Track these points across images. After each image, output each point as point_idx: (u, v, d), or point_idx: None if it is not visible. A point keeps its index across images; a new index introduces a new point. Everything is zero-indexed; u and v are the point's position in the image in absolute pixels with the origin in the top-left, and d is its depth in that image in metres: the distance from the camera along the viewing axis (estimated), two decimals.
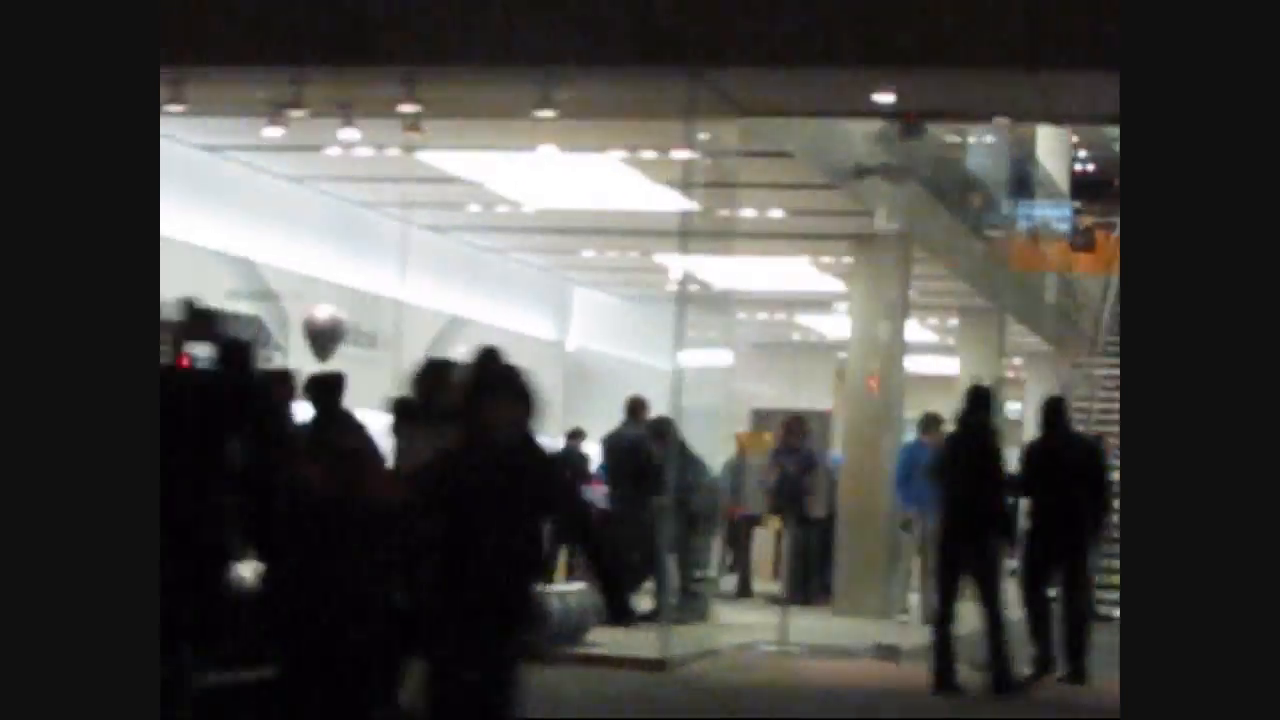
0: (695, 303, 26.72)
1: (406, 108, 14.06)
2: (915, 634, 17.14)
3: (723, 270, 24.65)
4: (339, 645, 6.35)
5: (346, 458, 6.69)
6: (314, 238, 19.77)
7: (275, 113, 14.76)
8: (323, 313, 18.11)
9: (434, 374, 8.22)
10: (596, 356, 26.17)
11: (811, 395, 28.10)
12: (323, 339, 17.63)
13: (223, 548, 6.19)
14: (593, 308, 26.65)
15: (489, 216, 20.42)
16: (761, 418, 16.06)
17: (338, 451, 6.80)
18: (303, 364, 18.11)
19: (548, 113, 13.80)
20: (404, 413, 8.49)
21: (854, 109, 14.69)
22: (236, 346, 6.16)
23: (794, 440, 15.62)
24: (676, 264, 23.55)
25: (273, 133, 15.14)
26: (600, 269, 24.50)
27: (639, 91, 13.89)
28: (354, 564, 6.42)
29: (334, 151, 16.92)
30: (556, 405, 23.84)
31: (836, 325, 29.49)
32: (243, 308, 19.05)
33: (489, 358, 7.61)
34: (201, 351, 8.04)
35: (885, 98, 13.62)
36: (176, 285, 17.90)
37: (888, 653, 15.08)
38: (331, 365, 15.35)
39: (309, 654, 6.35)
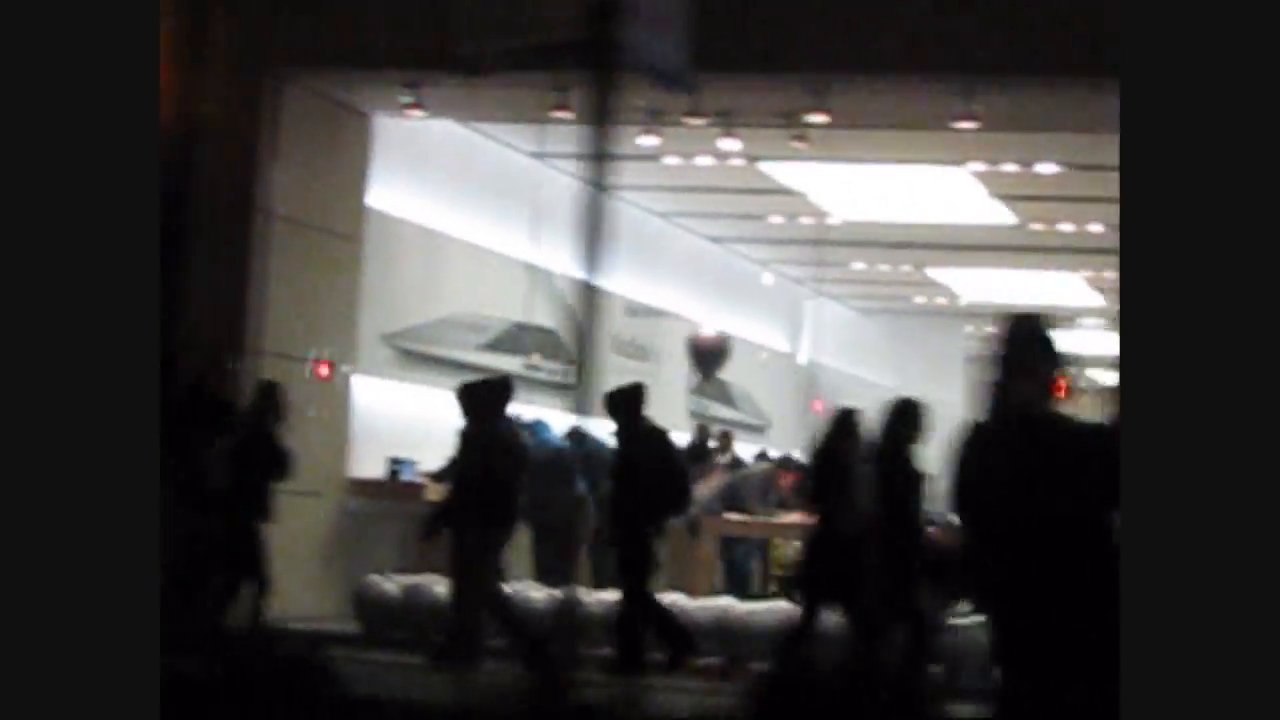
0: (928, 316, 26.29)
1: (815, 118, 13.52)
2: None
3: (972, 284, 24.15)
4: None
5: None
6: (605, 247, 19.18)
7: (653, 121, 14.23)
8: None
9: None
10: (829, 372, 25.54)
11: None
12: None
13: None
14: (826, 320, 26.05)
15: (785, 229, 19.87)
16: None
17: None
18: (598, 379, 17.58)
19: (968, 124, 13.27)
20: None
21: None
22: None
23: None
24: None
25: (647, 142, 14.61)
26: (855, 282, 23.91)
27: (1063, 103, 13.31)
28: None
29: (671, 160, 16.38)
30: (792, 421, 23.25)
31: (1065, 339, 28.90)
32: (542, 319, 18.53)
33: None
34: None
35: None
36: (476, 293, 17.52)
37: None
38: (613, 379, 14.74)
39: None
